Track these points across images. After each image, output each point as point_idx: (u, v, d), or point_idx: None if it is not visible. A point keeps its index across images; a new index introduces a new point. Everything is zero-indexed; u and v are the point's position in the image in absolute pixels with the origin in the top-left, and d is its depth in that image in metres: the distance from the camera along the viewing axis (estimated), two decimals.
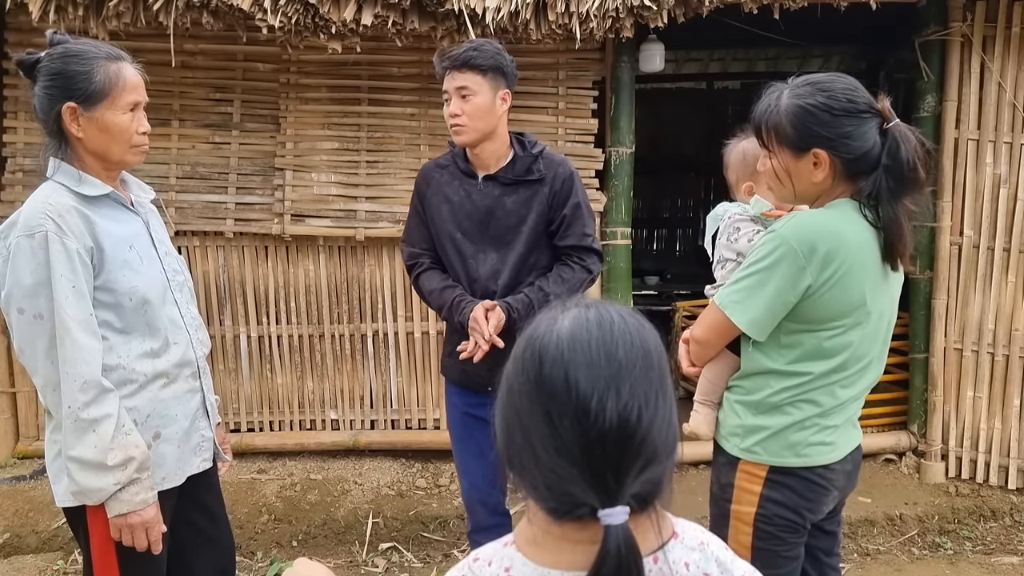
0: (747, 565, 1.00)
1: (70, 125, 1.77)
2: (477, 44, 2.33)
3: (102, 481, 1.70)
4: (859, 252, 1.68)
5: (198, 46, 3.78)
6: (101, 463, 1.69)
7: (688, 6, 3.41)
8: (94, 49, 1.78)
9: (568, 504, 0.85)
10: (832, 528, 1.96)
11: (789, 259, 1.67)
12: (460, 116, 2.32)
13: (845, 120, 1.67)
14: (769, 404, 1.78)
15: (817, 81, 1.73)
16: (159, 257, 1.92)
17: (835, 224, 1.69)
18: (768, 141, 1.76)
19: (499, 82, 2.34)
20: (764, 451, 1.79)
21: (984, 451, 3.86)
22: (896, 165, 1.66)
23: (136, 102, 1.81)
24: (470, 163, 2.45)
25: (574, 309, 0.91)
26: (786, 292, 1.69)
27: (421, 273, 2.53)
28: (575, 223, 2.42)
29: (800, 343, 1.74)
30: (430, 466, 3.98)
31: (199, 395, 1.97)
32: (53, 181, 1.80)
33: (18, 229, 1.70)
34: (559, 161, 2.45)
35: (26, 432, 3.95)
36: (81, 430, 1.69)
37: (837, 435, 1.79)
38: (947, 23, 3.74)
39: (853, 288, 1.69)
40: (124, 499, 1.73)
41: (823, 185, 1.73)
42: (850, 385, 1.77)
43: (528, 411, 0.87)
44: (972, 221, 3.82)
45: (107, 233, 1.79)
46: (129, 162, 1.86)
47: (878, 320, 1.76)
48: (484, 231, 2.42)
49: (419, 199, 2.53)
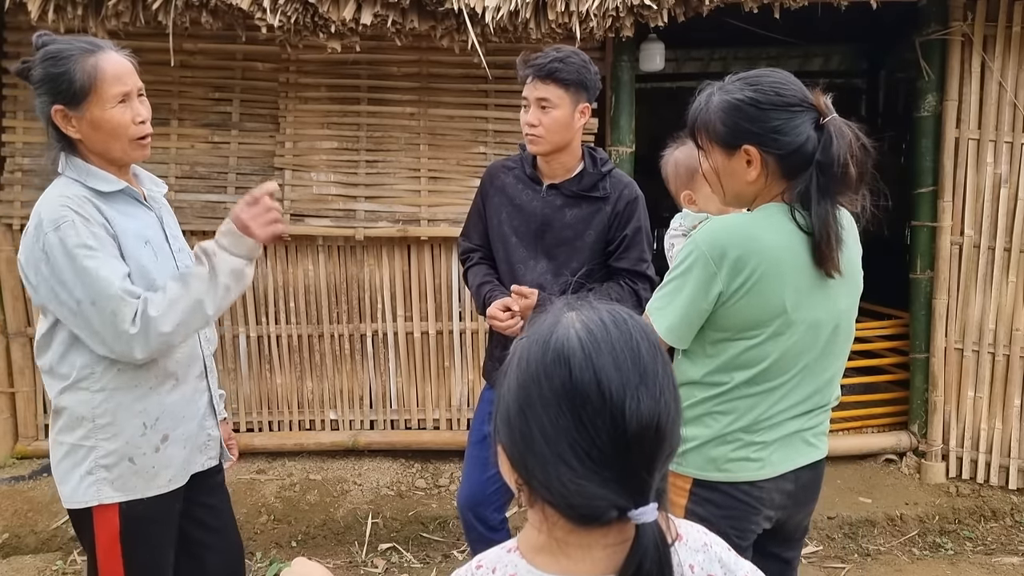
0: (750, 565, 1.00)
1: (65, 127, 1.74)
2: (563, 55, 2.28)
3: (223, 275, 1.75)
4: (776, 257, 1.61)
5: (197, 45, 3.77)
6: (207, 285, 1.74)
7: (688, 5, 3.41)
8: (68, 47, 1.71)
9: (599, 509, 0.83)
10: (787, 555, 1.88)
11: (700, 265, 1.63)
12: (537, 127, 2.29)
13: (773, 113, 1.61)
14: (691, 415, 1.72)
15: (747, 76, 1.67)
16: (172, 253, 1.91)
17: (749, 229, 1.63)
18: (701, 141, 1.72)
19: (580, 96, 2.30)
20: (687, 463, 1.73)
21: (985, 451, 3.86)
22: (827, 161, 1.58)
23: (124, 92, 1.73)
24: (537, 170, 2.44)
25: (578, 310, 0.89)
26: (699, 299, 1.64)
27: (470, 267, 2.55)
28: (633, 247, 2.39)
29: (720, 352, 1.69)
30: (430, 466, 3.98)
31: (206, 395, 1.97)
32: (65, 177, 1.77)
33: (44, 226, 1.68)
34: (626, 183, 2.43)
35: (25, 432, 3.95)
36: (177, 311, 1.71)
37: (767, 452, 1.70)
38: (948, 22, 3.73)
39: (770, 295, 1.61)
40: (228, 242, 1.77)
41: (757, 185, 1.67)
42: (780, 398, 1.68)
43: (554, 419, 0.84)
44: (972, 221, 3.81)
45: (121, 229, 1.76)
46: (133, 158, 1.81)
47: (809, 330, 1.66)
48: (539, 240, 2.41)
49: (482, 197, 2.54)
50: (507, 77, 3.76)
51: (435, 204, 3.92)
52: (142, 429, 1.80)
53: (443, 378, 4.07)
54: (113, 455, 1.78)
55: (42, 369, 1.82)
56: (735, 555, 0.99)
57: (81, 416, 1.77)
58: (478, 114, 3.94)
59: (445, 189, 3.94)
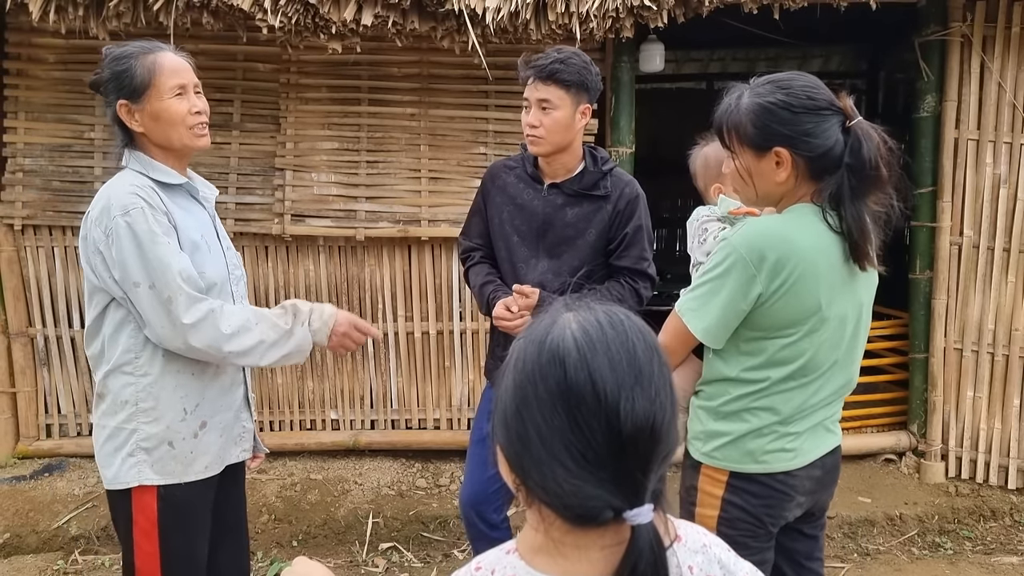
0: (749, 566, 1.00)
1: (129, 122, 1.85)
2: (564, 56, 2.29)
3: (292, 343, 1.90)
4: (812, 258, 1.65)
5: (198, 46, 3.77)
6: (277, 340, 1.88)
7: (688, 6, 3.42)
8: (130, 48, 1.86)
9: (595, 510, 0.84)
10: (813, 532, 1.94)
11: (739, 268, 1.66)
12: (538, 128, 2.30)
13: (805, 117, 1.65)
14: (727, 411, 1.77)
15: (777, 79, 1.70)
16: (223, 250, 2.00)
17: (786, 231, 1.67)
18: (730, 142, 1.74)
19: (581, 97, 2.31)
20: (723, 457, 1.78)
21: (984, 451, 3.86)
22: (858, 164, 1.64)
23: (181, 84, 1.86)
24: (538, 169, 2.45)
25: (575, 311, 0.90)
26: (737, 301, 1.67)
27: (472, 267, 2.55)
28: (634, 245, 2.40)
29: (757, 350, 1.73)
30: (430, 466, 3.98)
31: (242, 387, 2.05)
32: (129, 169, 1.88)
33: (114, 211, 1.77)
34: (627, 181, 2.44)
35: (26, 432, 3.95)
36: (242, 341, 1.83)
37: (799, 442, 1.77)
38: (947, 23, 3.73)
39: (806, 295, 1.66)
40: (316, 328, 1.93)
41: (786, 186, 1.71)
42: (814, 392, 1.75)
43: (549, 420, 0.84)
44: (972, 221, 3.82)
45: (180, 221, 1.87)
46: (194, 146, 1.91)
47: (839, 325, 1.73)
48: (540, 239, 2.42)
49: (483, 196, 2.55)
50: (507, 78, 3.76)
51: (435, 204, 3.93)
52: (182, 414, 1.87)
53: (444, 378, 4.08)
54: (153, 438, 1.85)
55: (90, 355, 1.90)
56: (735, 556, 1.00)
57: (124, 400, 1.85)
58: (478, 115, 3.95)
59: (445, 189, 3.94)
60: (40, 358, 3.94)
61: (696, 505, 1.82)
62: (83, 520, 3.48)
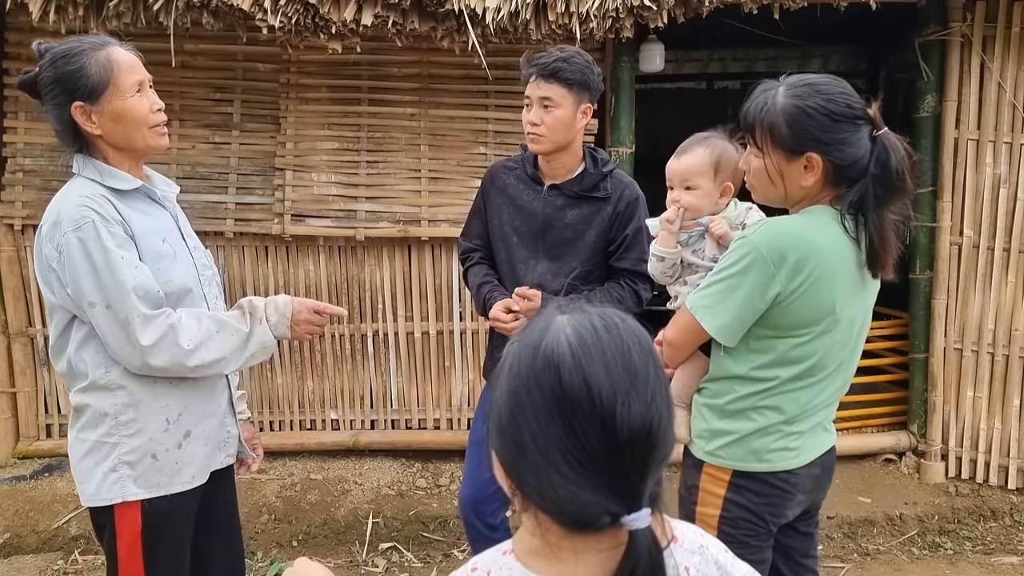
0: (747, 567, 1.00)
1: (85, 124, 1.74)
2: (567, 55, 2.29)
3: (254, 343, 1.87)
4: (830, 260, 1.65)
5: (198, 46, 3.78)
6: (239, 344, 1.84)
7: (688, 6, 3.41)
8: (77, 45, 1.74)
9: (592, 516, 0.83)
10: (808, 529, 1.95)
11: (759, 266, 1.65)
12: (539, 126, 2.30)
13: (844, 125, 1.64)
14: (732, 409, 1.76)
15: (815, 83, 1.68)
16: (189, 251, 1.92)
17: (807, 232, 1.66)
18: (761, 141, 1.71)
19: (583, 96, 2.31)
20: (727, 455, 1.77)
21: (984, 451, 3.86)
22: (885, 174, 1.64)
23: (139, 81, 1.76)
24: (538, 170, 2.45)
25: (569, 315, 0.89)
26: (755, 299, 1.66)
27: (470, 267, 2.55)
28: (634, 247, 2.40)
29: (768, 348, 1.72)
30: (430, 466, 3.98)
31: (226, 392, 1.98)
32: (81, 177, 1.77)
33: (64, 226, 1.68)
34: (627, 183, 2.44)
35: (26, 432, 3.95)
36: (205, 354, 1.78)
37: (802, 441, 1.77)
38: (947, 23, 3.73)
39: (823, 296, 1.66)
40: (274, 322, 1.90)
41: (811, 189, 1.70)
42: (818, 392, 1.75)
43: (544, 426, 0.83)
44: (972, 221, 3.82)
45: (139, 227, 1.77)
46: (156, 146, 1.82)
47: (848, 328, 1.73)
48: (540, 240, 2.42)
49: (483, 197, 2.55)
50: (507, 78, 3.76)
51: (435, 204, 3.93)
52: (165, 425, 1.80)
53: (443, 378, 4.08)
54: (136, 451, 1.78)
55: (59, 371, 1.82)
56: (732, 556, 0.99)
57: (104, 412, 1.77)
58: (478, 115, 3.95)
59: (445, 189, 3.94)
60: (40, 358, 3.94)
61: (697, 504, 1.82)
62: (83, 520, 3.47)
